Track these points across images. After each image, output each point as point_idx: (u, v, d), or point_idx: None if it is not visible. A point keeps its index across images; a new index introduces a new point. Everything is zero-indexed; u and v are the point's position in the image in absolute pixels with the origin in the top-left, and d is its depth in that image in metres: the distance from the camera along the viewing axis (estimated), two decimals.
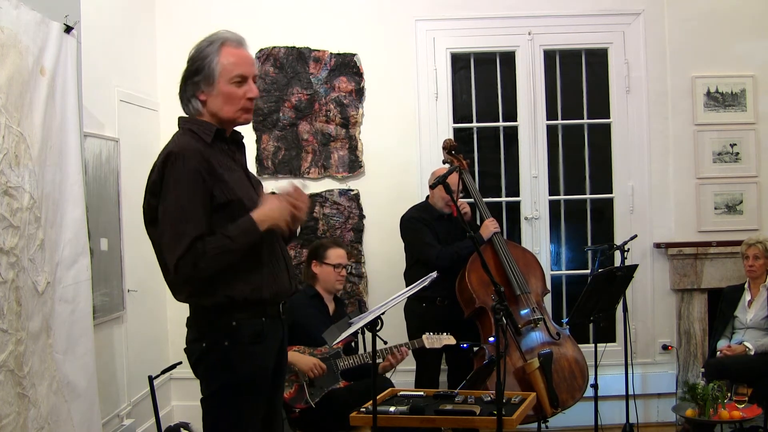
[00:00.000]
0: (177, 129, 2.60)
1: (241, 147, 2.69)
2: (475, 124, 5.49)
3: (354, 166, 5.32)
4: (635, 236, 5.05)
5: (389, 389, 3.72)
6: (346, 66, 5.33)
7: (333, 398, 4.02)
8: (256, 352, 2.52)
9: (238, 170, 2.59)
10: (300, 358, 4.02)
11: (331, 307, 4.36)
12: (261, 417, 2.59)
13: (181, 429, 4.36)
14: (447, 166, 4.77)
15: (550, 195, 5.43)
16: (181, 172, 2.40)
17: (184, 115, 2.61)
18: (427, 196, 4.84)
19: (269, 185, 5.27)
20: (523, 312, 4.45)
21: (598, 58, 5.47)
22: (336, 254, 4.32)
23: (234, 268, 2.47)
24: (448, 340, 4.25)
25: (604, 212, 5.53)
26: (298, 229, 2.73)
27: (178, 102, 2.63)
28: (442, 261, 4.47)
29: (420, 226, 4.65)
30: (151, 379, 4.06)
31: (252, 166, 5.22)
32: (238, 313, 2.49)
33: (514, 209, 5.45)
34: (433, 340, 4.23)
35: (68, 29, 3.55)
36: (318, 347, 4.11)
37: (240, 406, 2.52)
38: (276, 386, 2.68)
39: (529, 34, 5.36)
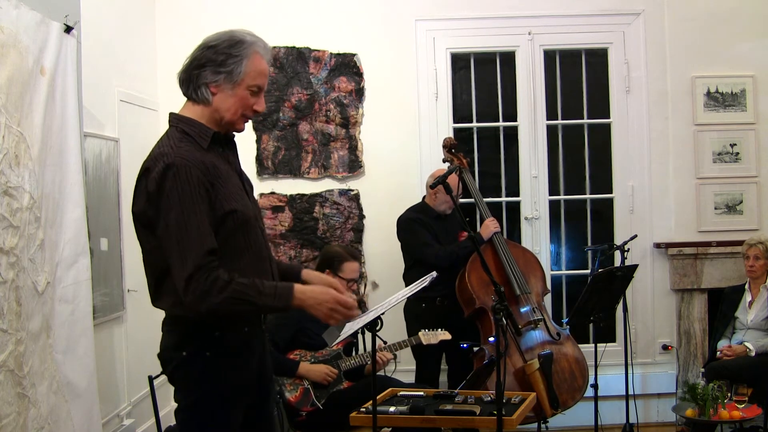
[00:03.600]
0: (169, 126, 2.49)
1: (233, 146, 2.57)
2: (475, 124, 5.48)
3: (354, 166, 5.32)
4: (635, 236, 5.05)
5: (389, 389, 3.72)
6: (346, 66, 5.33)
7: (337, 399, 4.02)
8: (238, 363, 2.42)
9: (233, 175, 2.48)
10: (310, 369, 4.01)
11: None
12: (239, 427, 2.48)
13: None
14: (446, 165, 4.77)
15: (550, 195, 5.43)
16: (184, 186, 2.26)
17: (175, 111, 2.51)
18: (424, 197, 4.84)
19: (270, 185, 5.29)
20: (523, 312, 4.45)
21: (598, 58, 5.47)
22: (351, 268, 4.17)
23: None
24: (444, 335, 4.26)
25: (604, 212, 5.52)
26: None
27: (178, 98, 2.58)
28: (441, 261, 4.47)
29: (418, 227, 4.65)
30: (151, 379, 4.05)
31: (252, 166, 5.23)
32: (221, 323, 2.37)
33: (514, 209, 5.45)
34: (429, 336, 4.25)
35: (68, 29, 3.55)
36: (319, 350, 4.11)
37: (220, 416, 2.42)
38: (264, 395, 2.58)
39: (529, 34, 5.36)
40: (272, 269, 2.53)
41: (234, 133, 2.54)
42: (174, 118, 2.48)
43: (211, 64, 2.39)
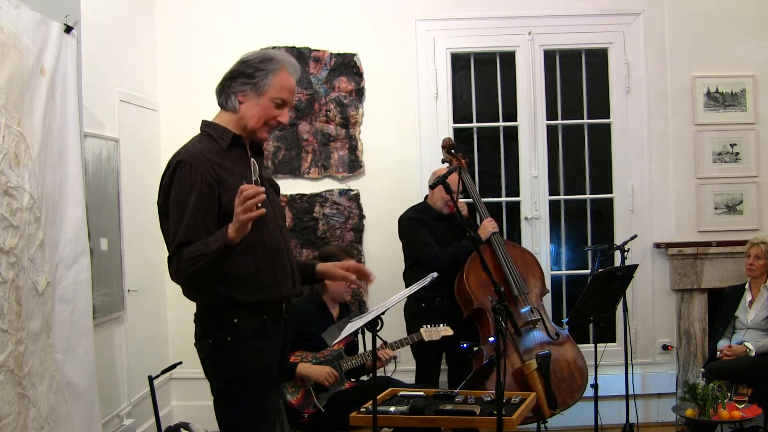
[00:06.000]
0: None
1: (260, 154, 2.79)
2: (475, 124, 5.49)
3: (354, 166, 5.32)
4: (635, 236, 5.05)
5: (389, 389, 3.72)
6: (346, 66, 5.33)
7: (339, 399, 4.02)
8: (259, 347, 2.60)
9: (250, 177, 2.64)
10: (312, 369, 4.00)
11: (335, 312, 4.33)
12: (274, 409, 2.66)
13: (181, 429, 4.36)
14: (445, 166, 4.77)
15: (550, 195, 5.43)
16: (185, 181, 2.51)
17: (206, 119, 2.72)
18: (426, 197, 4.84)
19: None
20: (522, 312, 4.45)
21: (598, 58, 5.47)
22: None
23: (236, 273, 2.53)
24: (446, 331, 4.26)
25: (604, 212, 5.52)
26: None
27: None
28: (440, 261, 4.47)
29: (418, 227, 4.65)
30: (151, 379, 4.06)
31: None
32: (239, 311, 2.57)
33: (514, 209, 5.45)
34: (431, 333, 4.24)
35: (68, 29, 3.55)
36: (320, 351, 4.11)
37: (250, 398, 2.59)
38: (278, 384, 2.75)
39: (529, 34, 5.36)
40: (291, 263, 2.72)
41: (261, 141, 2.77)
42: (204, 123, 2.73)
43: (242, 76, 2.65)
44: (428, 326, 4.27)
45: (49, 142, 3.37)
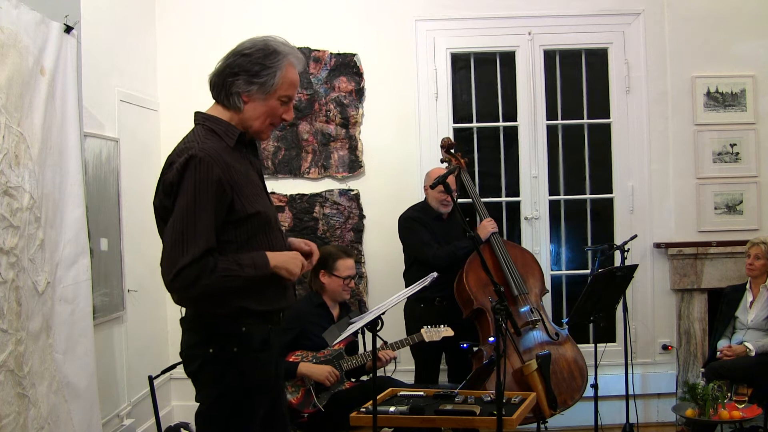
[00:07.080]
0: (194, 124, 2.50)
1: (256, 149, 2.63)
2: (475, 124, 5.49)
3: (354, 166, 5.32)
4: (635, 236, 5.05)
5: (389, 389, 3.72)
6: (346, 66, 5.33)
7: (339, 399, 4.02)
8: (263, 359, 2.47)
9: (253, 175, 2.52)
10: (313, 369, 4.00)
11: (335, 312, 4.33)
12: (260, 423, 2.55)
13: (181, 429, 4.36)
14: (444, 166, 4.78)
15: (550, 195, 5.43)
16: (202, 179, 2.29)
17: (202, 111, 2.52)
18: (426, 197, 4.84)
19: (270, 185, 5.27)
20: (522, 312, 4.45)
21: (598, 58, 5.47)
22: (345, 265, 4.22)
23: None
24: (447, 332, 4.25)
25: (604, 212, 5.52)
26: None
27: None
28: (439, 260, 4.47)
29: (417, 226, 4.65)
30: (151, 379, 4.06)
31: None
32: (247, 320, 2.42)
33: (514, 209, 5.45)
34: (431, 334, 4.24)
35: (68, 29, 3.55)
36: (321, 351, 4.11)
37: (245, 408, 2.48)
38: (278, 391, 2.66)
39: (529, 34, 5.36)
40: None
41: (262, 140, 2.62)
42: (201, 116, 2.50)
43: (245, 73, 2.43)
44: (429, 327, 4.27)
45: (49, 142, 3.37)
